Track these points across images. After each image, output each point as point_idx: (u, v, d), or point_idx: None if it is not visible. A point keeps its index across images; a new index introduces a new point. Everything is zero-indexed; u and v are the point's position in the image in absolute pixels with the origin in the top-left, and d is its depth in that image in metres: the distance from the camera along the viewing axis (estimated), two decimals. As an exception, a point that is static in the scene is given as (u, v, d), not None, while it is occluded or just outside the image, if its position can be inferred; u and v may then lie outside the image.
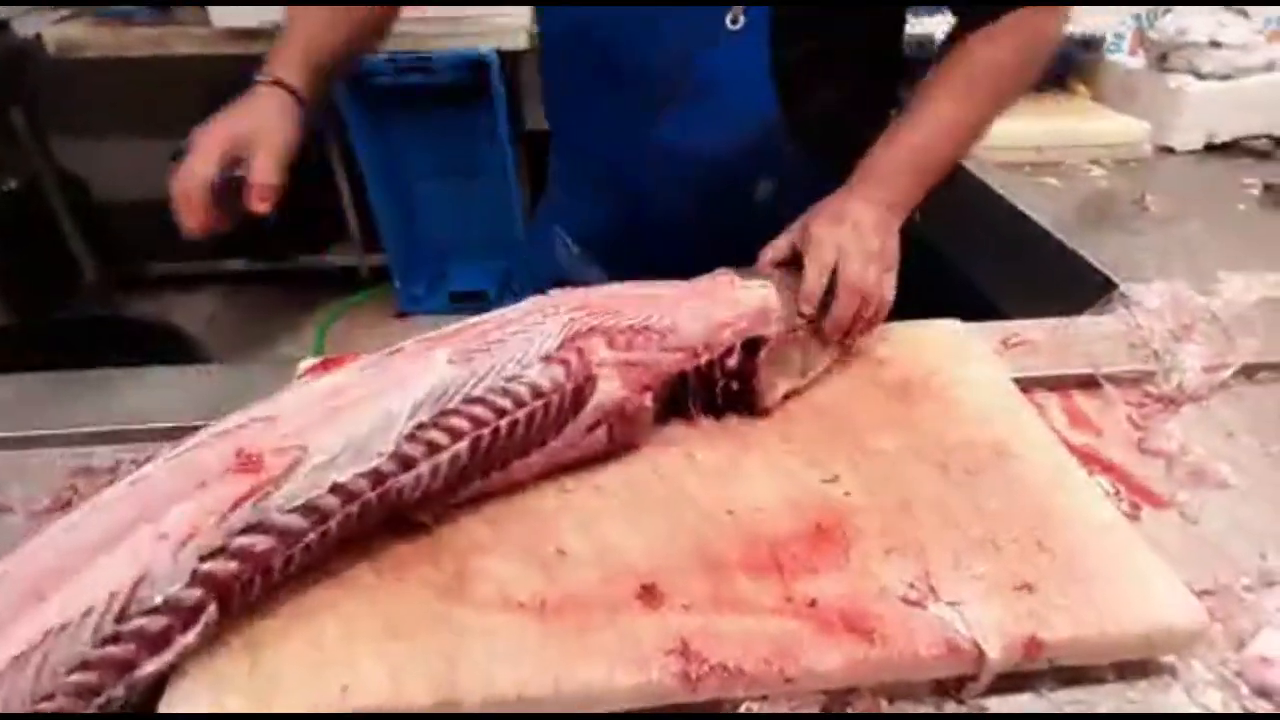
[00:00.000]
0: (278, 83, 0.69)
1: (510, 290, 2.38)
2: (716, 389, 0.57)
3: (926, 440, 0.56)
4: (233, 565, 0.40)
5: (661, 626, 0.44)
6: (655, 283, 0.59)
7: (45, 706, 0.35)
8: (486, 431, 0.47)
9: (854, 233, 0.62)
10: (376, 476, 0.44)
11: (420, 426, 0.46)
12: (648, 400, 0.54)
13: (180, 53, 1.97)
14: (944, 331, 0.69)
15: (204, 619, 0.40)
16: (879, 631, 0.43)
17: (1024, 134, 1.18)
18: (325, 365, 0.66)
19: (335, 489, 0.43)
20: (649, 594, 0.46)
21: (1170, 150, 1.23)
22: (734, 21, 0.69)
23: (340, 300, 2.54)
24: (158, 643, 0.38)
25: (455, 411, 0.47)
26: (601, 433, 0.52)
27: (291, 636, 0.43)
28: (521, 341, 0.50)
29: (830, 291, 0.60)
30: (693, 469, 0.55)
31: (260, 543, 0.41)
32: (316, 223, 2.46)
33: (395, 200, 2.31)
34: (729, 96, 0.73)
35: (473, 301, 2.46)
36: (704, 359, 0.56)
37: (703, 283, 0.60)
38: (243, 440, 0.43)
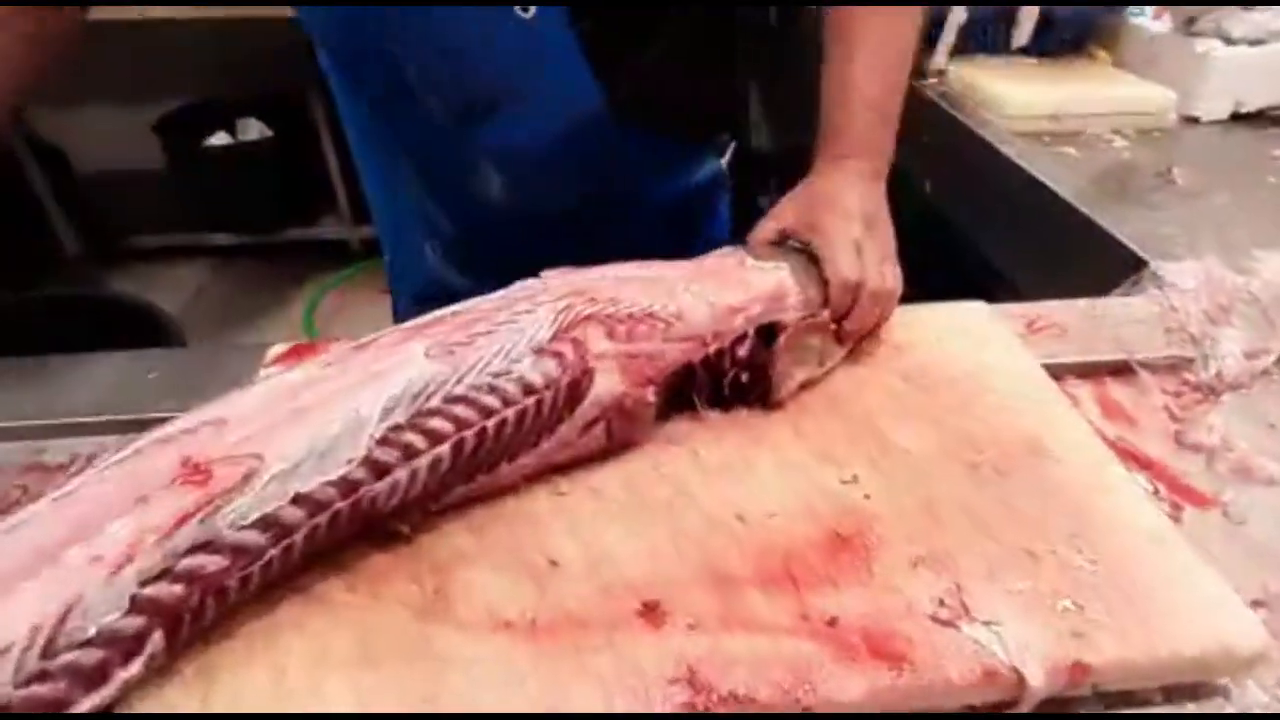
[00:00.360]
0: None
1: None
2: (725, 380, 0.52)
3: (952, 436, 0.52)
4: (178, 589, 0.35)
5: (665, 649, 0.39)
6: (657, 263, 0.54)
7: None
8: (470, 434, 0.43)
9: (866, 230, 0.58)
10: (346, 485, 0.40)
11: (395, 429, 0.41)
12: (650, 395, 0.49)
13: (158, 17, 1.89)
14: (967, 314, 0.64)
15: (148, 649, 0.35)
16: (907, 655, 0.38)
17: (1041, 101, 1.12)
18: (297, 352, 0.61)
19: (299, 500, 0.38)
20: (650, 611, 0.41)
21: (1195, 120, 1.17)
22: (524, 10, 0.62)
23: (330, 275, 2.48)
24: (93, 678, 0.34)
25: (435, 412, 0.42)
26: (599, 430, 0.48)
27: (252, 662, 0.38)
28: (510, 333, 0.45)
29: None
30: (698, 468, 0.50)
31: (210, 563, 0.36)
32: (304, 195, 2.39)
33: (384, 172, 2.24)
34: (545, 90, 0.67)
35: (466, 276, 2.41)
36: (713, 348, 0.51)
37: (710, 261, 0.55)
38: (189, 448, 0.38)
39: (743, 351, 0.52)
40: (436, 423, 0.42)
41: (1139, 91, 1.16)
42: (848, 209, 0.58)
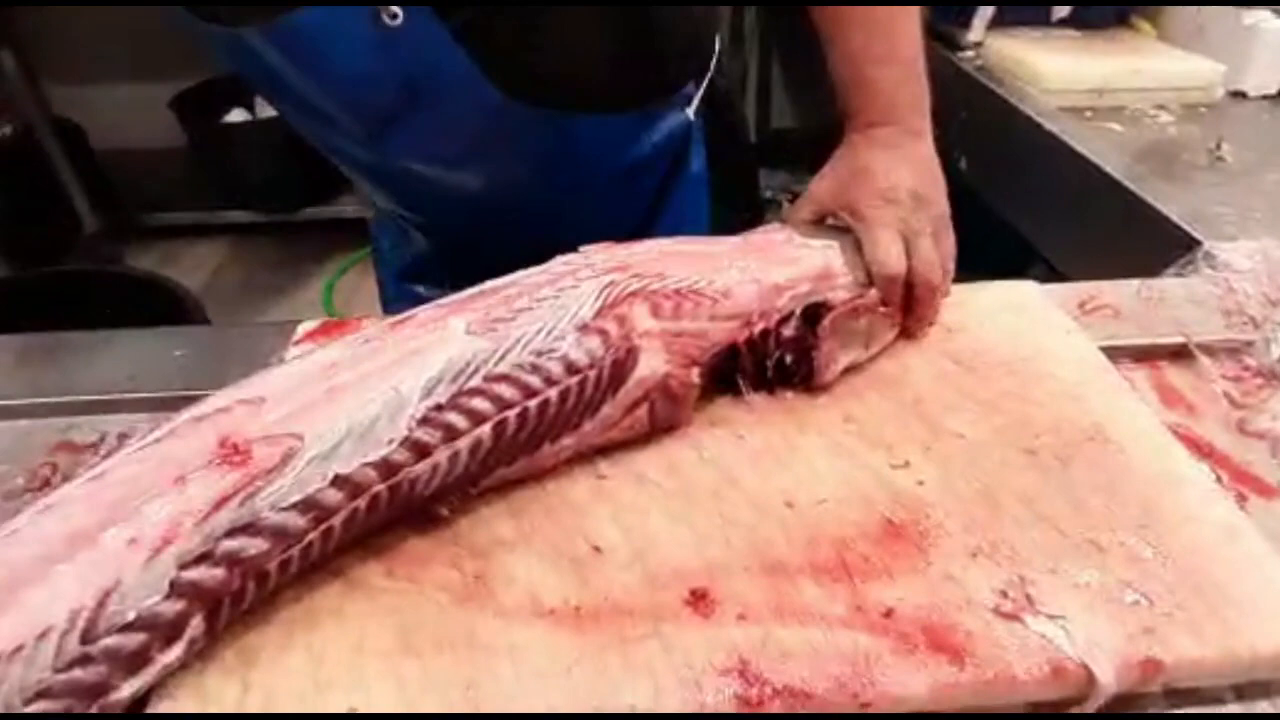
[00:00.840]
0: None
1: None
2: (769, 361, 0.50)
3: (1009, 421, 0.50)
4: (219, 572, 0.34)
5: (715, 639, 0.38)
6: (702, 238, 0.52)
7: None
8: (513, 414, 0.41)
9: (913, 205, 0.54)
10: (386, 467, 0.38)
11: (436, 409, 0.39)
12: (694, 375, 0.47)
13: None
14: (1019, 294, 0.62)
15: (189, 633, 0.34)
16: (969, 649, 0.37)
17: (1084, 74, 1.09)
18: (326, 329, 0.60)
19: (338, 482, 0.37)
20: (699, 600, 0.40)
21: (1243, 95, 1.13)
22: (391, 18, 0.56)
23: (349, 253, 2.47)
24: (134, 662, 0.33)
25: (477, 391, 0.40)
26: (642, 412, 0.46)
27: (291, 649, 0.37)
28: (553, 309, 0.43)
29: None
30: (743, 453, 0.48)
31: (251, 546, 0.35)
32: (322, 172, 2.37)
33: (402, 149, 2.22)
34: (439, 94, 0.61)
35: (484, 255, 2.39)
36: (758, 327, 0.49)
37: (757, 237, 0.53)
38: (226, 427, 0.37)
39: (788, 331, 0.50)
40: (478, 402, 0.40)
41: (1185, 65, 1.12)
42: (885, 187, 0.55)
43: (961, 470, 0.47)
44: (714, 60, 0.77)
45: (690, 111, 0.74)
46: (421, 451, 0.39)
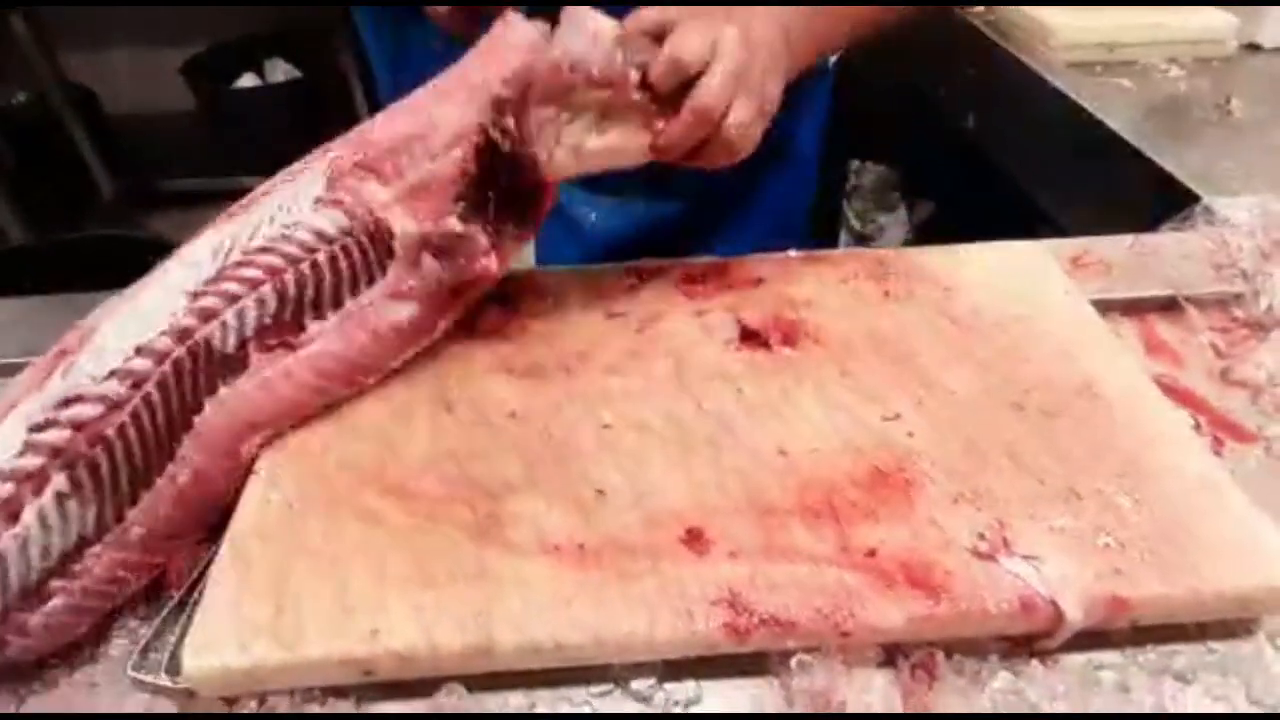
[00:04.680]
0: None
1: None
2: (502, 156, 0.49)
3: (1000, 377, 0.51)
4: (65, 434, 0.40)
5: (708, 574, 0.41)
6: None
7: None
8: (289, 275, 0.46)
9: (738, 40, 0.50)
10: (180, 333, 0.44)
11: (209, 282, 0.45)
12: (454, 223, 0.49)
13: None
14: (1019, 254, 0.63)
15: (53, 486, 0.40)
16: (945, 586, 0.39)
17: (1093, 29, 1.07)
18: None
19: (140, 352, 0.43)
20: (694, 539, 0.43)
21: (1257, 47, 1.11)
22: None
23: (360, 217, 2.48)
24: (9, 508, 0.39)
25: (242, 263, 0.46)
26: (434, 268, 0.50)
27: (320, 577, 0.41)
28: (288, 191, 0.48)
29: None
30: (741, 404, 0.50)
31: (87, 411, 0.41)
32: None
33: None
34: None
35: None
36: (482, 137, 0.48)
37: (481, 41, 0.51)
38: (65, 344, 0.45)
39: (510, 122, 0.48)
40: (248, 271, 0.46)
41: (1198, 17, 1.10)
42: (729, 14, 0.51)
43: (951, 423, 0.49)
44: None
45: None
46: (207, 315, 0.45)
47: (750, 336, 0.55)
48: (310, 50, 2.28)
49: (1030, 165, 1.07)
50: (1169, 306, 0.63)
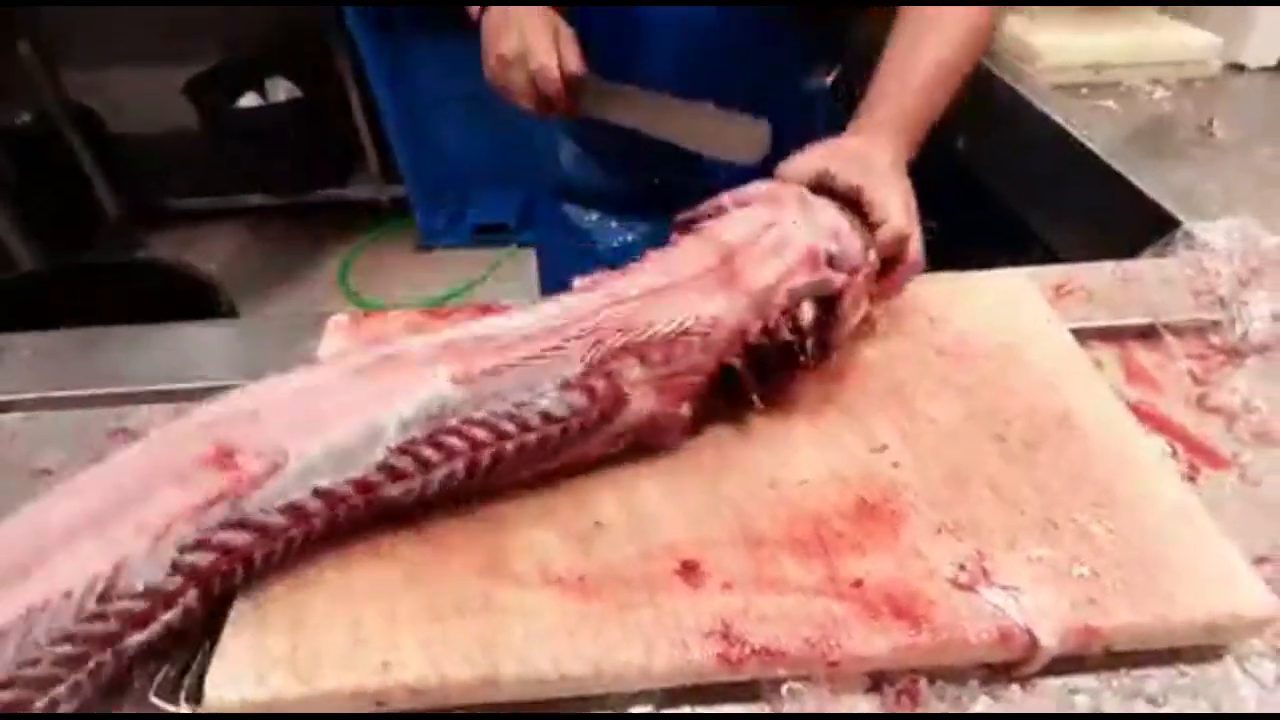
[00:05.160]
0: None
1: (534, 218, 2.35)
2: (796, 347, 0.52)
3: (983, 407, 0.54)
4: (212, 557, 0.40)
5: (702, 606, 0.43)
6: (677, 253, 0.53)
7: (29, 673, 0.36)
8: (487, 454, 0.45)
9: (910, 200, 0.58)
10: (363, 485, 0.43)
11: (411, 441, 0.44)
12: (685, 409, 0.50)
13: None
14: (1004, 284, 0.65)
15: (184, 602, 0.40)
16: (927, 616, 0.42)
17: (1079, 52, 1.10)
18: (355, 321, 0.64)
19: (318, 493, 0.42)
20: (689, 571, 0.45)
21: (1241, 68, 1.14)
22: None
23: (362, 234, 2.52)
24: (141, 620, 0.39)
25: (452, 430, 0.45)
26: (622, 442, 0.50)
27: (333, 614, 0.43)
28: (536, 370, 0.46)
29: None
30: (736, 435, 0.53)
31: (239, 538, 0.41)
32: (334, 155, 2.41)
33: (413, 129, 2.25)
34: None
35: (494, 233, 2.43)
36: (755, 332, 0.51)
37: (732, 238, 0.54)
38: (222, 434, 0.42)
39: (806, 319, 0.52)
40: (453, 440, 0.44)
41: (1182, 38, 1.13)
42: (897, 169, 0.60)
43: (935, 454, 0.51)
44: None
45: (829, 80, 0.89)
46: (396, 476, 0.44)
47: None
48: (311, 69, 2.31)
49: (1019, 186, 1.09)
50: (1149, 333, 0.65)
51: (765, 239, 0.54)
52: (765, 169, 0.62)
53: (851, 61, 0.92)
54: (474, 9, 0.81)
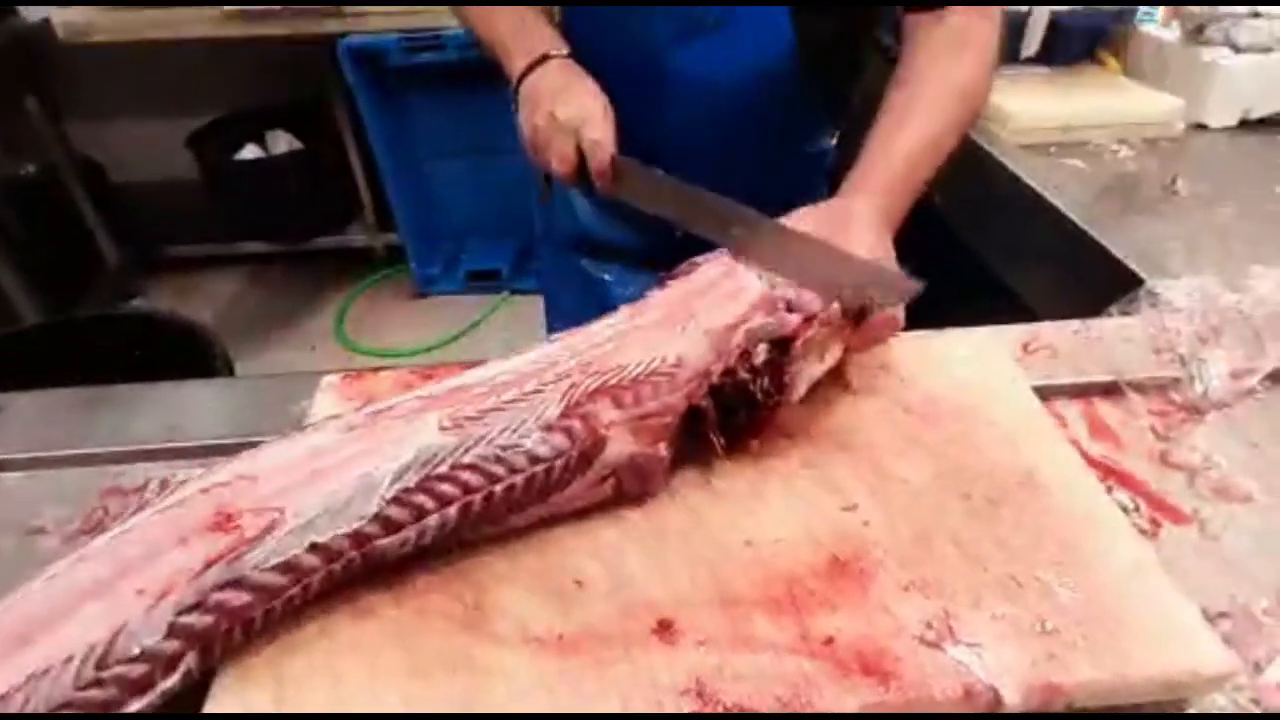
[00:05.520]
0: (551, 56, 0.79)
1: (527, 266, 2.40)
2: (752, 388, 0.55)
3: (950, 467, 0.56)
4: (209, 619, 0.41)
5: (677, 663, 0.44)
6: (649, 300, 0.57)
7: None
8: (478, 498, 0.47)
9: (886, 254, 0.62)
10: (358, 538, 0.45)
11: (406, 491, 0.45)
12: (662, 450, 0.53)
13: (190, 35, 1.96)
14: (971, 343, 0.68)
15: (183, 666, 0.41)
16: (895, 673, 0.43)
17: (1048, 115, 1.15)
18: (347, 380, 0.66)
19: (315, 548, 0.44)
20: (665, 630, 0.46)
21: (1204, 127, 1.19)
22: None
23: (357, 281, 2.55)
24: (139, 686, 0.40)
25: (445, 477, 0.46)
26: (608, 486, 0.52)
27: (316, 671, 0.44)
28: (518, 411, 0.49)
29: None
30: (712, 496, 0.54)
31: (237, 598, 0.42)
32: (331, 204, 2.46)
33: (409, 180, 2.31)
34: (747, 25, 0.79)
35: (487, 280, 2.47)
36: (717, 374, 0.54)
37: (697, 279, 0.58)
38: (222, 499, 0.44)
39: (759, 360, 0.54)
40: (445, 487, 0.46)
41: (1147, 101, 1.18)
42: (873, 231, 0.62)
43: (903, 512, 0.53)
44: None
45: (832, 141, 0.93)
46: (392, 527, 0.45)
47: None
48: (311, 122, 2.37)
49: (994, 242, 1.13)
50: (1112, 390, 0.67)
51: (724, 285, 0.58)
52: None
53: (852, 125, 0.96)
54: (520, 62, 0.80)
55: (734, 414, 0.56)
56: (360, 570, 0.46)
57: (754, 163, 0.85)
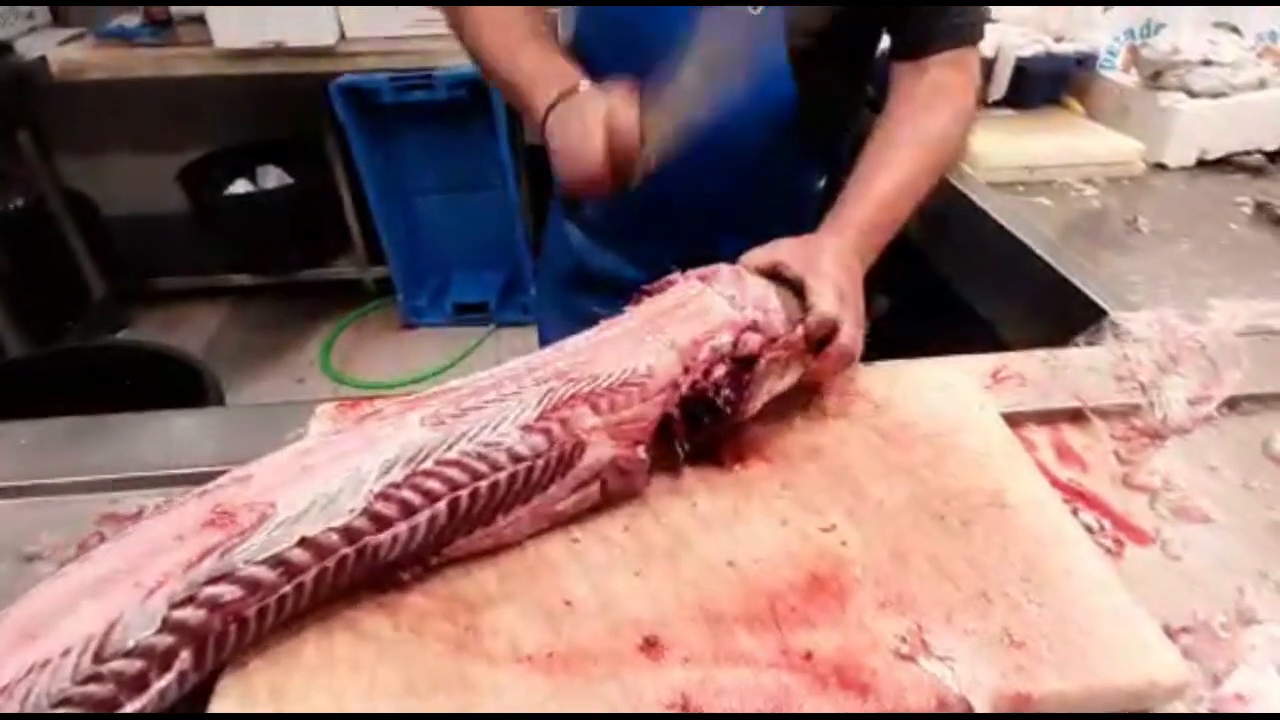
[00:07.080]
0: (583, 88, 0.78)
1: (513, 299, 2.43)
2: (712, 398, 0.58)
3: (924, 488, 0.58)
4: (202, 614, 0.42)
5: (663, 679, 0.46)
6: (620, 317, 0.61)
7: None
8: (464, 494, 0.49)
9: (852, 289, 0.65)
10: (349, 533, 0.46)
11: (393, 485, 0.47)
12: (641, 452, 0.56)
13: (182, 74, 1.99)
14: (943, 371, 0.71)
15: (178, 665, 0.42)
16: (872, 686, 0.45)
17: (1016, 155, 1.20)
18: (342, 408, 0.68)
19: (304, 543, 0.45)
20: (651, 647, 0.48)
21: (1163, 167, 1.24)
22: (755, 8, 0.78)
23: (346, 312, 2.57)
24: (136, 684, 0.40)
25: (430, 473, 0.48)
26: (594, 488, 0.54)
27: (314, 690, 0.45)
28: (498, 410, 0.51)
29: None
30: (695, 518, 0.57)
31: (227, 592, 0.43)
32: (320, 236, 2.48)
33: (398, 214, 2.34)
34: (753, 77, 0.79)
35: (475, 312, 2.49)
36: (685, 385, 0.57)
37: (667, 299, 0.62)
38: (219, 497, 0.46)
39: (719, 375, 0.58)
40: (432, 483, 0.48)
41: (1109, 142, 1.24)
42: (841, 267, 0.66)
43: (879, 532, 0.55)
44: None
45: (821, 184, 0.97)
46: (382, 522, 0.47)
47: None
48: (301, 157, 2.41)
49: (966, 274, 1.17)
50: (1076, 416, 0.70)
51: (692, 303, 0.62)
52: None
53: (838, 169, 1.00)
54: (553, 90, 0.77)
55: (700, 424, 0.59)
56: (354, 574, 0.48)
57: (746, 200, 0.89)
